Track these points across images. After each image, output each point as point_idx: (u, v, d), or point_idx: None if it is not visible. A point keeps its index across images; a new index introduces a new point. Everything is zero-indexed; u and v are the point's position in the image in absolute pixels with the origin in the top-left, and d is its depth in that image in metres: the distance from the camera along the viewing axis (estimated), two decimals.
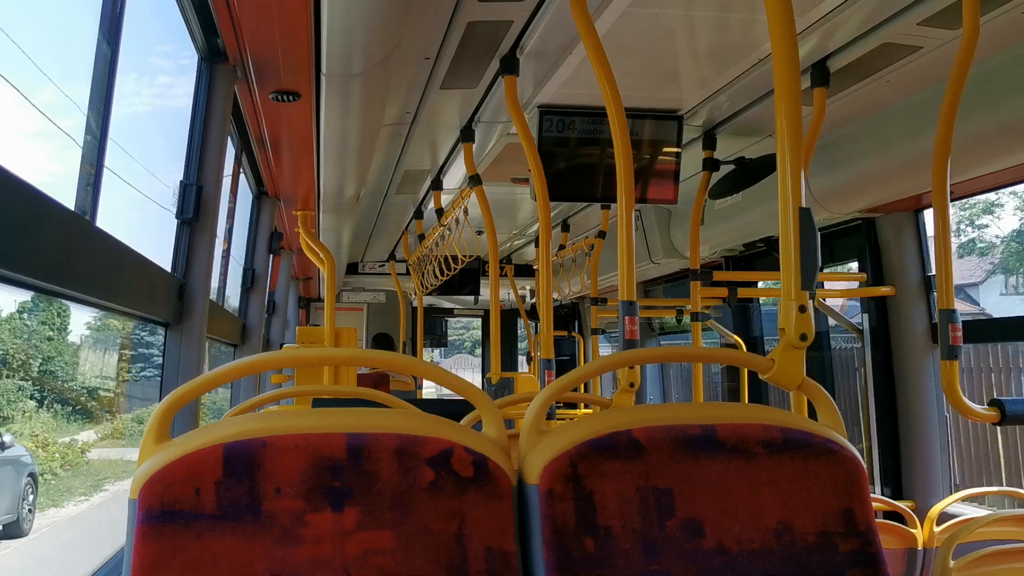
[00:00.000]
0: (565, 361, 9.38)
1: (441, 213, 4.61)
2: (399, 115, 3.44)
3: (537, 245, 6.41)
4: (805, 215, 1.49)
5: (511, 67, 2.73)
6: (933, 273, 3.68)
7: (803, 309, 1.48)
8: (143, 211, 3.22)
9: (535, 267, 7.13)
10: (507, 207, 5.48)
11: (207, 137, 2.60)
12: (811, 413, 1.55)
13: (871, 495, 1.44)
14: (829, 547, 1.35)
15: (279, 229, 5.10)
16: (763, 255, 4.82)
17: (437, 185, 4.51)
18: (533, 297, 8.91)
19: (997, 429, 6.54)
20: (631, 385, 2.18)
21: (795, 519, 1.35)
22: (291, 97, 2.83)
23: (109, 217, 1.89)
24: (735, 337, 5.23)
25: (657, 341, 7.52)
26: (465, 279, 7.28)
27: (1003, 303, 15.95)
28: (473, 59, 2.80)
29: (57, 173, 2.13)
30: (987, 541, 2.39)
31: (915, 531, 2.97)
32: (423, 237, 5.53)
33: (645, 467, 1.35)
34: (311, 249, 4.74)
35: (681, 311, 5.99)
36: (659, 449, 1.36)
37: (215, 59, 2.60)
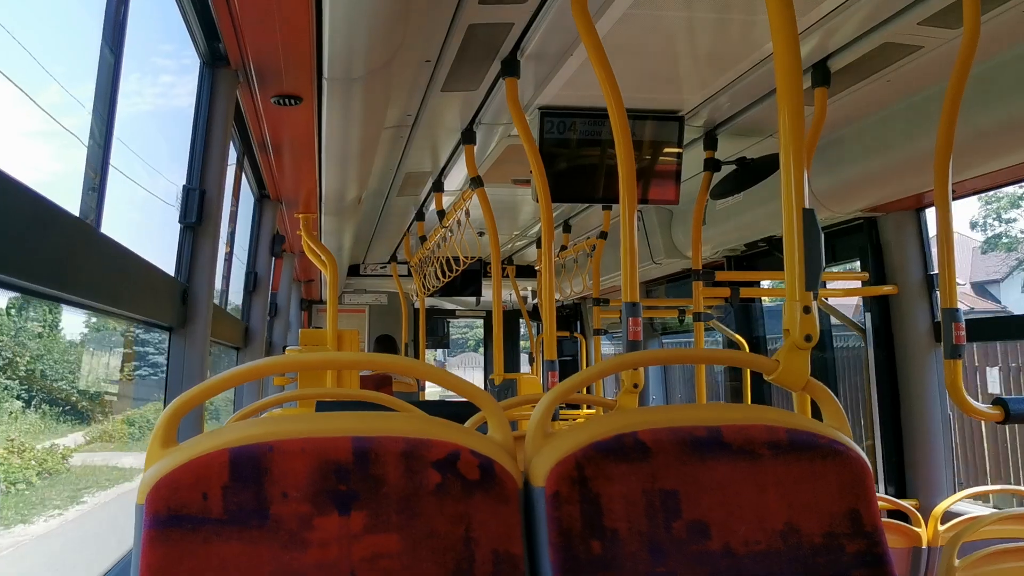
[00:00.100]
0: (567, 362, 9.38)
1: (443, 215, 4.61)
2: (400, 118, 3.45)
3: (539, 246, 6.43)
4: (809, 216, 1.48)
5: (512, 69, 2.73)
6: (935, 272, 3.68)
7: (808, 310, 1.48)
8: (143, 211, 3.23)
9: (537, 268, 7.14)
10: (508, 208, 5.48)
11: (209, 142, 2.60)
12: (815, 412, 1.55)
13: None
14: (835, 548, 1.35)
15: (281, 232, 5.10)
16: (765, 255, 4.82)
17: (438, 187, 4.51)
18: (535, 298, 8.91)
19: (983, 428, 6.55)
20: (635, 386, 2.18)
21: (801, 520, 1.35)
22: (293, 101, 2.83)
23: (111, 216, 1.89)
24: (738, 337, 5.23)
25: (659, 341, 7.52)
26: (467, 280, 7.28)
27: None
28: (474, 62, 2.81)
29: (58, 172, 2.13)
30: (992, 539, 2.39)
31: (919, 530, 2.97)
32: (425, 239, 5.53)
33: (651, 469, 1.35)
34: (313, 252, 4.75)
35: (683, 311, 5.99)
36: (665, 451, 1.36)
37: (217, 64, 2.61)
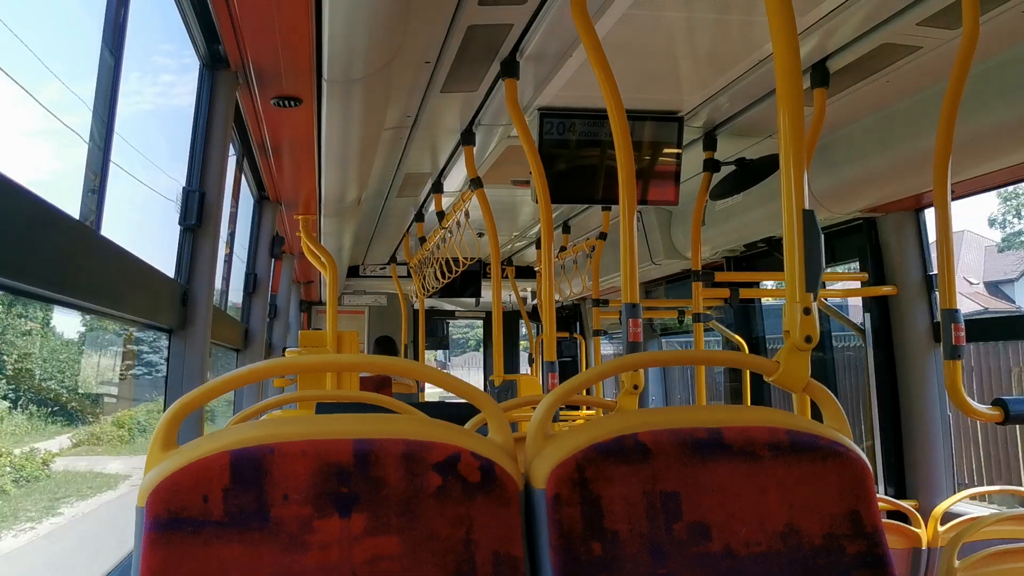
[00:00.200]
0: (567, 363, 9.38)
1: (442, 216, 4.61)
2: (400, 119, 3.45)
3: (538, 247, 6.42)
4: (809, 217, 1.48)
5: (511, 70, 2.73)
6: (935, 272, 3.68)
7: (808, 311, 1.48)
8: (143, 212, 3.22)
9: (536, 269, 7.13)
10: (508, 209, 5.48)
11: (209, 143, 2.60)
12: (814, 413, 1.55)
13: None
14: (836, 549, 1.35)
15: (280, 233, 5.10)
16: (764, 255, 4.82)
17: (438, 188, 4.51)
18: (534, 299, 8.91)
19: (972, 429, 6.56)
20: (635, 387, 2.18)
21: (802, 521, 1.35)
22: (292, 102, 2.83)
23: (111, 216, 1.89)
24: (737, 338, 5.23)
25: (659, 341, 7.51)
26: (466, 281, 7.29)
27: None
28: (473, 63, 2.81)
29: (58, 171, 2.13)
30: (992, 540, 2.39)
31: (919, 531, 2.97)
32: (424, 240, 5.53)
33: (652, 471, 1.35)
34: (312, 253, 4.74)
35: (683, 312, 5.99)
36: (666, 453, 1.36)
37: (217, 65, 2.61)
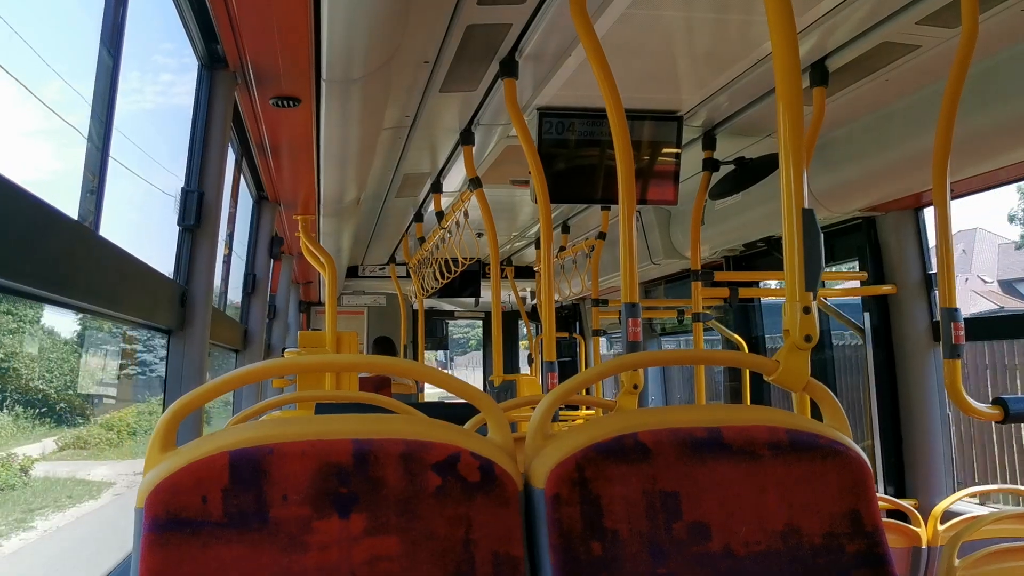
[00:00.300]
0: (566, 363, 9.38)
1: (441, 216, 4.61)
2: (399, 119, 3.45)
3: (537, 247, 6.42)
4: (808, 216, 1.48)
5: (510, 70, 2.73)
6: (934, 271, 3.68)
7: (807, 311, 1.48)
8: (143, 212, 3.21)
9: (536, 269, 7.13)
10: (507, 209, 5.48)
11: (208, 144, 2.60)
12: (814, 412, 1.55)
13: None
14: (836, 548, 1.35)
15: (279, 234, 5.10)
16: (764, 255, 4.82)
17: (437, 188, 4.51)
18: (534, 299, 8.91)
19: (964, 428, 6.57)
20: (635, 387, 2.18)
21: (802, 521, 1.35)
22: (291, 102, 2.83)
23: (111, 216, 1.88)
24: (737, 337, 5.23)
25: (658, 341, 7.52)
26: (466, 281, 7.28)
27: None
28: (472, 62, 2.81)
29: (58, 171, 2.12)
30: (992, 539, 2.39)
31: (919, 530, 2.97)
32: (423, 240, 5.52)
33: (652, 470, 1.35)
34: (311, 253, 4.74)
35: (683, 312, 5.99)
36: (665, 452, 1.36)
37: (215, 66, 2.60)
